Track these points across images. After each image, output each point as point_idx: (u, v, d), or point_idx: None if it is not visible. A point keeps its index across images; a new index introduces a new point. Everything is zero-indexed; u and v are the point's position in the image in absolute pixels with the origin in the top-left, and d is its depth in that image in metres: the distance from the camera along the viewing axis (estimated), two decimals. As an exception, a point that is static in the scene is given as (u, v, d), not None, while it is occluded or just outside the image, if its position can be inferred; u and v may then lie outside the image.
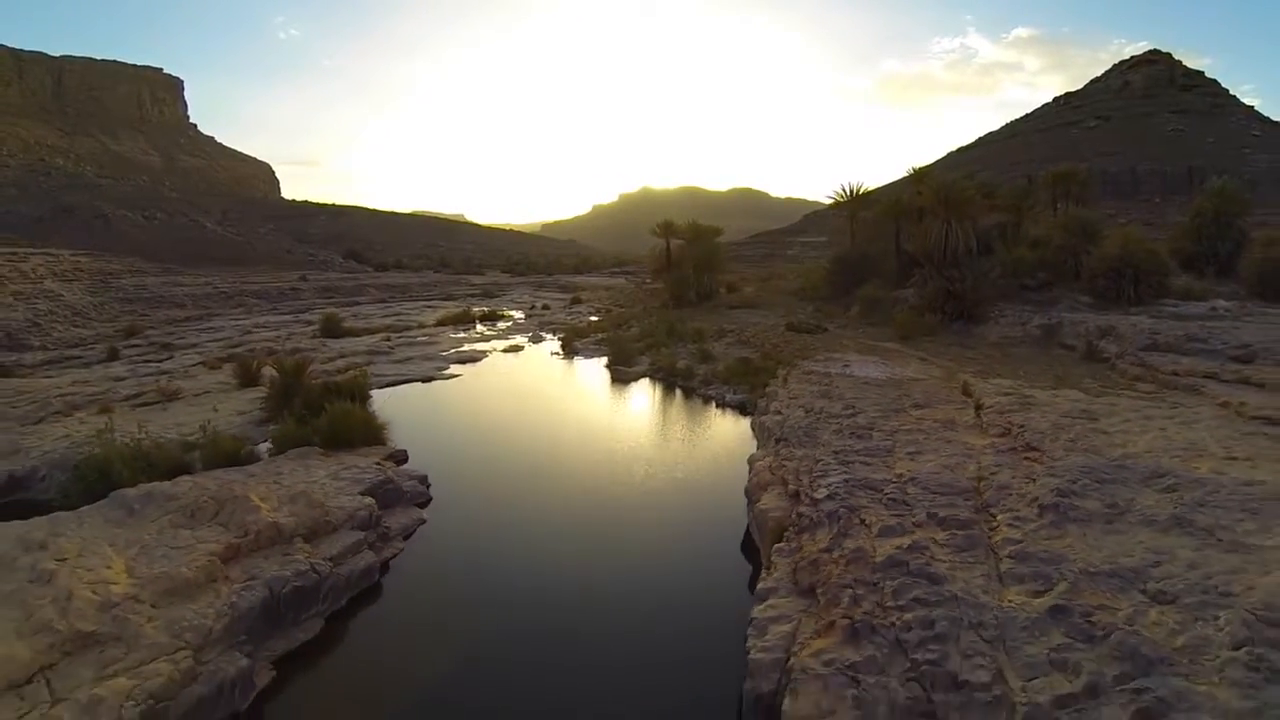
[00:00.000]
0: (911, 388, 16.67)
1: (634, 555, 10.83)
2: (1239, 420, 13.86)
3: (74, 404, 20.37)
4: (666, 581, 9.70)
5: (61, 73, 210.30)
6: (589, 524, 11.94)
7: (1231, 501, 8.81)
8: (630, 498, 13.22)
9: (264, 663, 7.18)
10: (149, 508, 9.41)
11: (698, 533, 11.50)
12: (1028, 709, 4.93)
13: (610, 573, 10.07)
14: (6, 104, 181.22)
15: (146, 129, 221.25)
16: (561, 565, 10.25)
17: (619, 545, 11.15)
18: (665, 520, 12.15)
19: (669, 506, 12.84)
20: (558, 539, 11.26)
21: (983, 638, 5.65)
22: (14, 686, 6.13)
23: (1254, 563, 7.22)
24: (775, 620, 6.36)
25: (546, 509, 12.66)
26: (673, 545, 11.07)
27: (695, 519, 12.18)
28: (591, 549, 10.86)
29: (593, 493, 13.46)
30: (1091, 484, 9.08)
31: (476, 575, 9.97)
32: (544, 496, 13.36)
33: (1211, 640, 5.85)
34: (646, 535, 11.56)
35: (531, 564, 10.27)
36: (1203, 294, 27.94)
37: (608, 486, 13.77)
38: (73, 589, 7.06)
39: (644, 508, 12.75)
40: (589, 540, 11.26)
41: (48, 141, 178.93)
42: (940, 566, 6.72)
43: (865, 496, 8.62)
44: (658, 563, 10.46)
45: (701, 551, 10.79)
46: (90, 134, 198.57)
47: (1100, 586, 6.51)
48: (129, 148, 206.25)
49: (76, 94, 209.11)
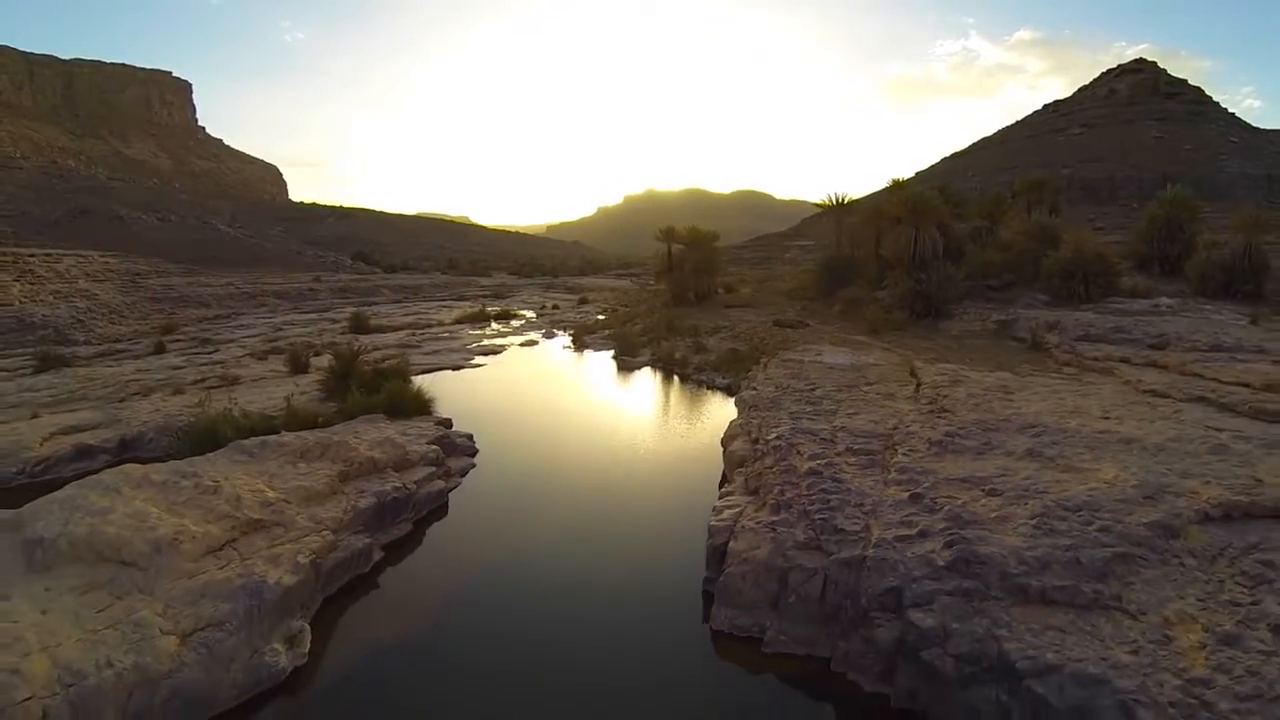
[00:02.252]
0: (869, 371, 19.73)
1: (635, 488, 14.25)
2: (1131, 393, 17.01)
3: (148, 387, 23.50)
4: (658, 501, 13.26)
5: (72, 76, 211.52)
6: (601, 468, 15.49)
7: (1080, 443, 11.91)
8: (633, 451, 16.86)
9: (376, 546, 10.27)
10: (266, 451, 12.48)
11: (684, 470, 15.12)
12: (878, 541, 7.99)
13: (617, 499, 13.48)
14: (18, 107, 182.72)
15: (156, 132, 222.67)
16: (580, 493, 13.79)
17: (624, 482, 14.59)
18: (659, 464, 15.88)
19: (663, 455, 16.57)
20: (578, 476, 14.89)
21: (860, 510, 8.72)
22: (212, 551, 9.19)
23: (1075, 478, 10.31)
24: (729, 506, 9.46)
25: (567, 458, 16.41)
26: (664, 479, 14.68)
27: (682, 461, 15.84)
28: (602, 484, 14.35)
29: (603, 448, 17.16)
30: (977, 431, 12.15)
31: (516, 499, 13.48)
32: (565, 449, 17.12)
33: (1016, 515, 8.92)
34: (645, 476, 15.13)
35: (558, 492, 13.86)
36: (1148, 292, 30.86)
37: (615, 443, 17.48)
38: (239, 494, 10.14)
39: (643, 458, 16.38)
40: (601, 478, 14.81)
41: (59, 144, 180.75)
42: (845, 475, 9.79)
43: (804, 439, 11.69)
44: (652, 491, 14.05)
45: (685, 483, 14.11)
46: (101, 137, 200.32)
47: (952, 487, 9.56)
48: (139, 150, 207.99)
49: (86, 97, 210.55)
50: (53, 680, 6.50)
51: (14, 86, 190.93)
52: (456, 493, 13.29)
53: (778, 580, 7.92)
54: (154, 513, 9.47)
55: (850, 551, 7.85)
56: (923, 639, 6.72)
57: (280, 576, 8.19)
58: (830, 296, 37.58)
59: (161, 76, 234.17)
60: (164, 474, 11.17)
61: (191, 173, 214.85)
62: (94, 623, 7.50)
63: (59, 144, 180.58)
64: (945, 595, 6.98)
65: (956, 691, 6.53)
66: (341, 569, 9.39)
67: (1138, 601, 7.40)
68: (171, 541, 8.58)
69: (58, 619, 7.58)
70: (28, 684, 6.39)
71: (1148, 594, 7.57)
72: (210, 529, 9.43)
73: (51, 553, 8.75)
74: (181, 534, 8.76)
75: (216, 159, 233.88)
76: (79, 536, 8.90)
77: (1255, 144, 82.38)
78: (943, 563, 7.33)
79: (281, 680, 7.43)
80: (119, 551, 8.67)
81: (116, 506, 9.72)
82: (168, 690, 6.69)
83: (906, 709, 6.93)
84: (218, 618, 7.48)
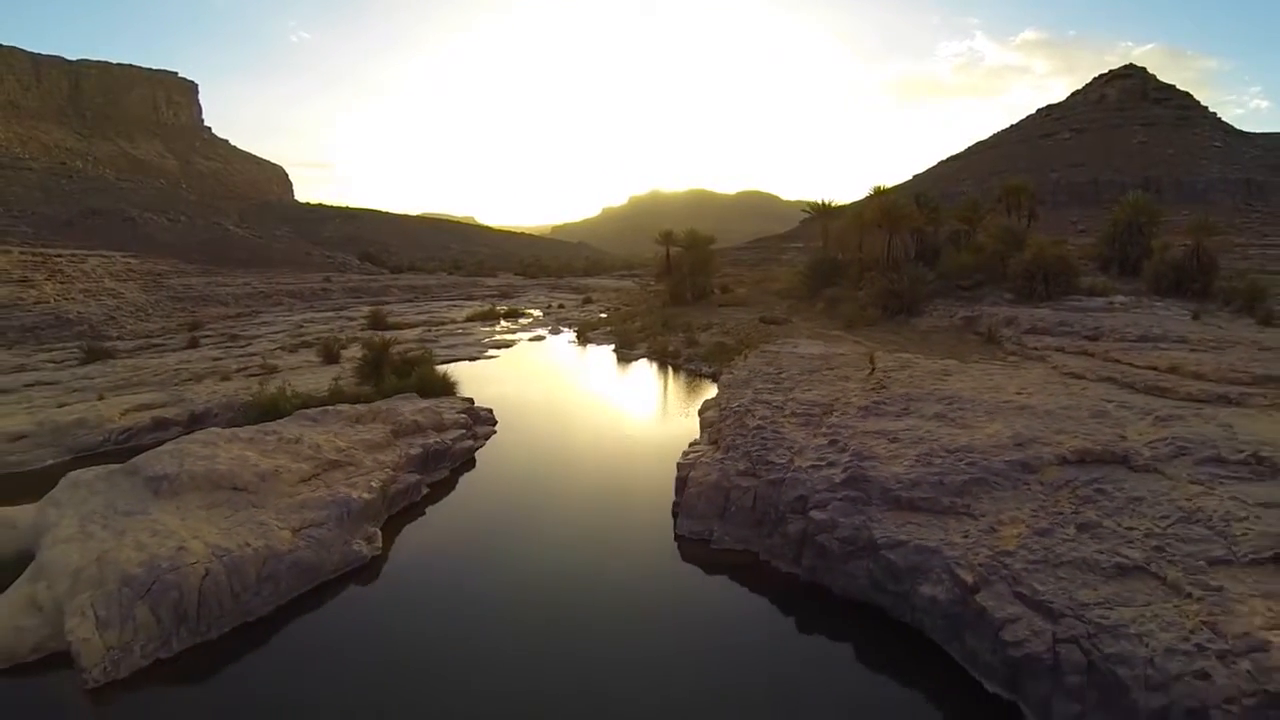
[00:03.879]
0: (834, 360, 22.57)
1: (626, 447, 17.65)
2: (1053, 375, 19.87)
3: (197, 374, 26.45)
4: (644, 454, 16.81)
5: (78, 77, 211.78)
6: (599, 434, 18.94)
7: (983, 409, 14.76)
8: (626, 421, 20.38)
9: (424, 483, 13.22)
10: (327, 418, 15.40)
11: (667, 432, 18.61)
12: (796, 468, 10.88)
13: (611, 455, 16.99)
14: (26, 108, 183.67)
15: (162, 132, 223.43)
16: (582, 451, 17.67)
17: (617, 443, 18.03)
18: (647, 430, 19.36)
19: (650, 424, 20.04)
20: (580, 440, 18.39)
21: (789, 450, 11.61)
22: (304, 481, 12.10)
23: (965, 433, 13.15)
24: (694, 451, 12.42)
25: (572, 427, 19.96)
26: (650, 440, 18.22)
27: (666, 427, 19.23)
28: (600, 445, 17.82)
29: (602, 420, 20.68)
30: (901, 400, 15.01)
31: (529, 455, 17.16)
32: (570, 421, 20.68)
33: (906, 454, 11.79)
34: (635, 438, 18.57)
35: (564, 450, 17.78)
36: (1105, 290, 33.53)
37: (612, 416, 21.06)
38: (318, 443, 13.08)
39: (634, 426, 19.87)
40: (599, 440, 18.37)
41: (66, 145, 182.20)
42: (784, 430, 12.69)
43: (760, 406, 14.60)
44: (639, 448, 17.48)
45: (667, 441, 17.40)
46: (108, 137, 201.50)
47: (864, 437, 12.43)
48: (146, 151, 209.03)
49: (93, 98, 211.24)
50: (208, 554, 9.40)
51: (22, 87, 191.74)
52: (482, 451, 16.43)
53: (723, 497, 10.83)
54: (252, 456, 12.39)
55: (775, 475, 10.76)
56: (818, 529, 9.61)
57: (360, 495, 11.15)
58: (815, 296, 40.40)
59: (167, 77, 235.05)
60: (249, 433, 14.12)
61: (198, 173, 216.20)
62: (226, 524, 10.41)
63: (66, 144, 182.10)
64: (837, 501, 9.87)
65: (840, 564, 9.41)
66: (400, 496, 12.38)
67: (982, 510, 10.27)
68: (274, 473, 11.50)
69: (196, 522, 10.49)
70: (192, 555, 9.29)
71: (992, 505, 10.43)
72: (301, 466, 12.37)
73: (175, 484, 11.65)
74: (280, 468, 11.69)
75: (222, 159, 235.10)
76: (197, 472, 11.81)
77: (1237, 148, 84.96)
78: (839, 481, 10.23)
79: (364, 563, 10.42)
80: (231, 481, 11.59)
81: (219, 453, 12.64)
82: (289, 562, 9.61)
83: (809, 581, 9.82)
84: (318, 520, 10.41)
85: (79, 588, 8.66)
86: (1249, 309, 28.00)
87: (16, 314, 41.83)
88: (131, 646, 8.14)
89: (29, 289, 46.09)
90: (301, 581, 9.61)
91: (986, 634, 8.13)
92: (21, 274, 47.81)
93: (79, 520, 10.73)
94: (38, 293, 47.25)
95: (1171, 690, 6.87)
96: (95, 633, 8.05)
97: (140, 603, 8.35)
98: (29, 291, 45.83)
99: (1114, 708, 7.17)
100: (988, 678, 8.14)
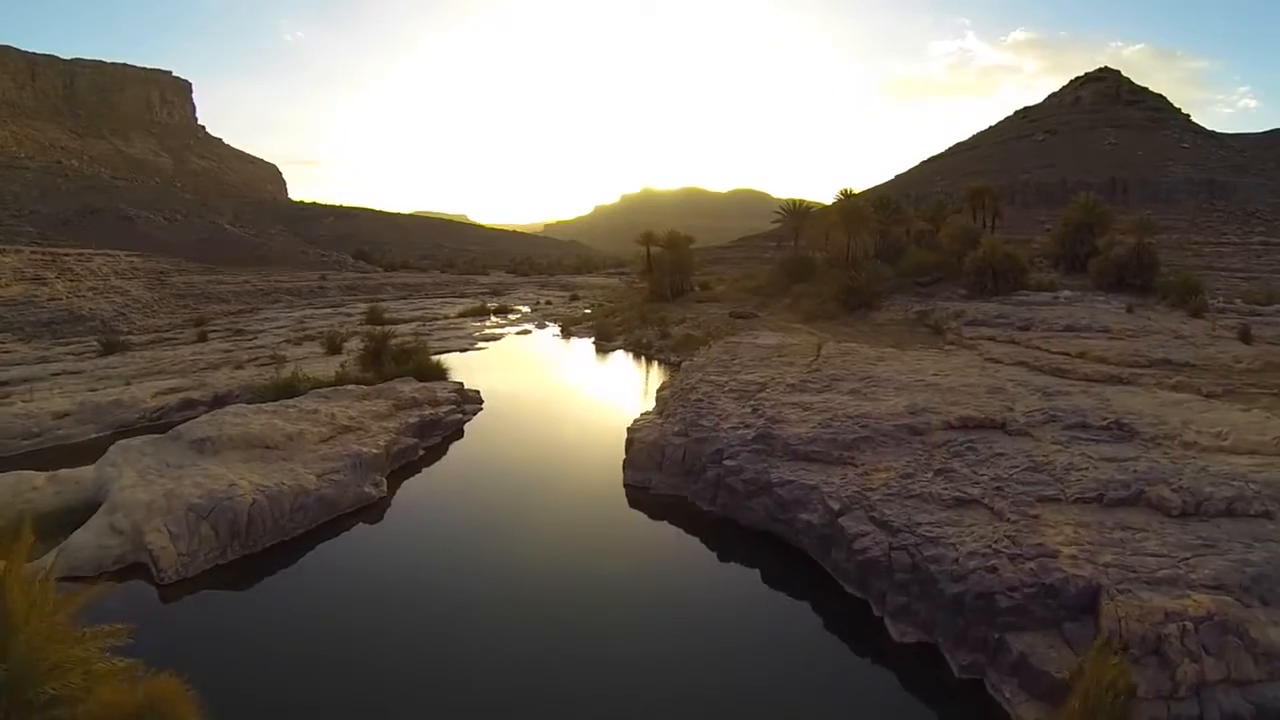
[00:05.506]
0: (787, 349, 25.24)
1: (593, 419, 20.82)
2: (976, 360, 22.64)
3: (213, 364, 28.96)
4: (608, 424, 19.45)
5: (73, 76, 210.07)
6: (572, 409, 22.27)
7: (892, 386, 17.47)
8: (596, 399, 23.47)
9: (420, 446, 15.90)
10: (337, 395, 18.04)
11: (630, 409, 20.80)
12: (718, 429, 13.57)
13: (580, 425, 20.33)
14: (20, 107, 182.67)
15: (157, 131, 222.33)
16: (556, 424, 21.22)
17: (586, 416, 21.30)
18: (614, 406, 22.26)
19: (617, 401, 22.92)
20: (555, 415, 21.90)
21: (718, 417, 14.32)
22: (324, 441, 14.67)
23: (870, 404, 15.85)
24: (642, 418, 15.09)
25: (548, 405, 23.28)
26: (614, 413, 20.84)
27: (629, 403, 21.95)
28: (572, 418, 21.15)
29: (575, 399, 23.96)
30: (826, 380, 17.72)
31: (510, 427, 20.38)
32: (547, 400, 23.89)
33: (812, 419, 14.51)
34: (602, 412, 21.68)
35: (540, 423, 21.43)
36: (1052, 286, 36.20)
37: (585, 396, 24.32)
38: (333, 413, 15.74)
39: (602, 402, 23.08)
40: (571, 415, 21.72)
41: (61, 143, 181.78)
42: (719, 402, 15.40)
43: (705, 385, 17.32)
44: (604, 420, 20.39)
45: (628, 414, 19.68)
46: (102, 136, 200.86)
47: (783, 408, 15.12)
48: (141, 149, 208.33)
49: (88, 96, 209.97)
50: (253, 489, 12.04)
51: (16, 86, 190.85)
52: (469, 424, 19.26)
53: (660, 453, 13.57)
54: (279, 423, 15.03)
55: (701, 435, 13.49)
56: (729, 473, 12.31)
57: (369, 450, 13.89)
58: (785, 292, 43.10)
59: (162, 76, 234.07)
60: (273, 406, 16.78)
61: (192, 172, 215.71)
62: (263, 471, 13.05)
63: (61, 143, 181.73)
64: (745, 453, 12.59)
65: (744, 501, 12.11)
66: (401, 455, 15.12)
67: (863, 461, 12.95)
68: (299, 434, 14.16)
69: (239, 470, 13.11)
70: (241, 490, 11.92)
71: (874, 458, 13.11)
72: (320, 429, 15.02)
73: (217, 444, 14.26)
74: (304, 431, 14.36)
75: (217, 158, 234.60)
76: (234, 434, 14.44)
77: (1205, 150, 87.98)
78: (750, 438, 12.93)
79: (372, 502, 13.19)
80: (264, 441, 14.22)
81: (250, 422, 15.26)
82: (315, 498, 12.28)
83: (722, 516, 12.54)
84: (336, 469, 13.09)
85: (153, 514, 11.27)
86: (1182, 302, 30.52)
87: (33, 310, 44.16)
88: (197, 554, 10.78)
89: (43, 286, 48.36)
90: (325, 513, 12.29)
91: (844, 547, 10.77)
92: (35, 272, 50.07)
93: (137, 473, 13.32)
94: (50, 290, 49.47)
95: (968, 580, 9.40)
96: (170, 544, 10.67)
97: (203, 522, 11.00)
98: (42, 289, 48.10)
99: (928, 596, 9.71)
100: (846, 581, 10.78)
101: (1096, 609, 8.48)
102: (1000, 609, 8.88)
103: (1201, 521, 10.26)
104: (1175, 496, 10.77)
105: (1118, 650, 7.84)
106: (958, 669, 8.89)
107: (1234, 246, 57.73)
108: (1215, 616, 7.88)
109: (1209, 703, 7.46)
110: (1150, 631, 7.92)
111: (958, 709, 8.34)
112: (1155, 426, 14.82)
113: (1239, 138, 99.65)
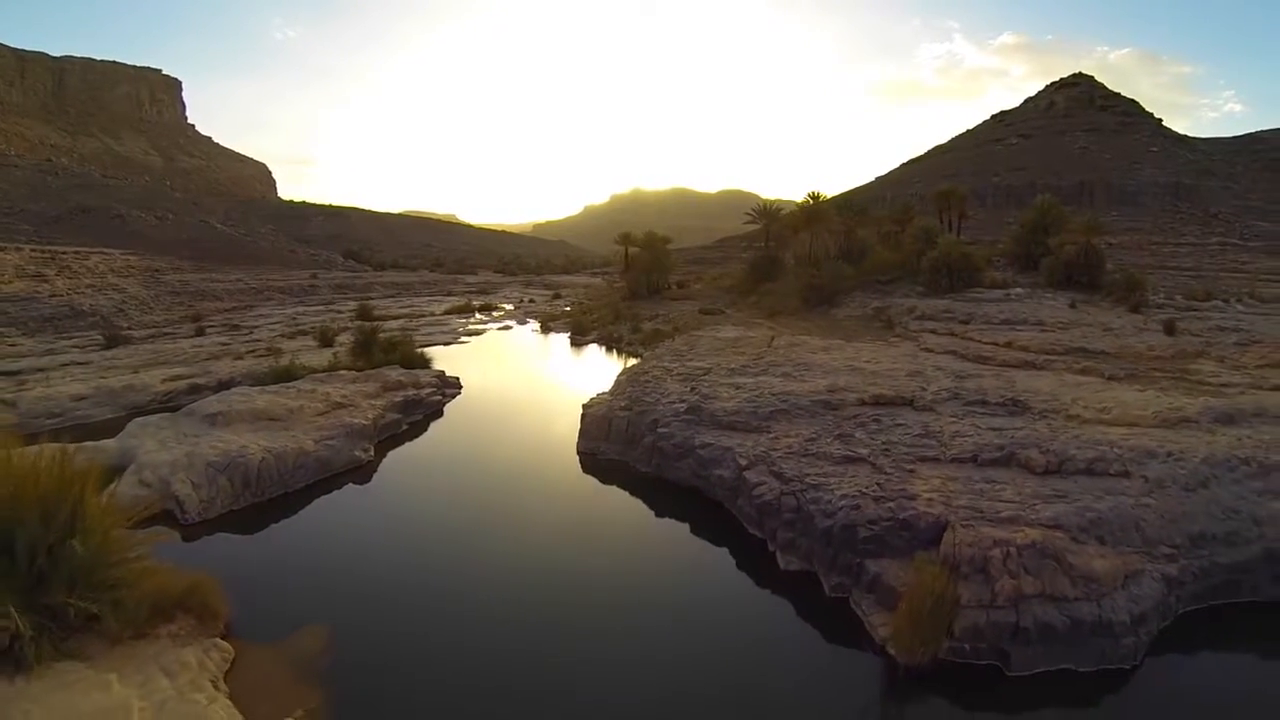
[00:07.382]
0: (743, 341, 27.59)
1: (559, 400, 22.95)
2: (913, 350, 24.99)
3: (214, 355, 31.10)
4: (571, 404, 21.11)
5: (62, 73, 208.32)
6: (541, 394, 24.73)
7: (822, 371, 19.83)
8: (564, 384, 25.65)
9: (404, 422, 18.19)
10: (331, 379, 20.30)
11: (592, 392, 22.80)
12: (657, 404, 15.91)
13: (546, 405, 22.65)
14: (9, 104, 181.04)
15: (146, 129, 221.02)
16: (526, 405, 23.25)
17: (553, 398, 23.72)
18: (579, 389, 23.89)
19: (582, 385, 24.73)
20: (526, 398, 24.35)
21: (661, 395, 16.67)
22: (320, 414, 16.94)
23: (796, 385, 18.20)
24: (598, 398, 17.37)
25: (521, 390, 25.63)
26: (579, 397, 22.38)
27: (592, 389, 23.58)
28: (540, 400, 23.60)
29: (546, 385, 26.42)
30: (765, 365, 20.06)
31: (484, 408, 22.77)
32: (522, 387, 26.32)
33: (740, 396, 16.86)
34: (568, 394, 23.49)
35: (512, 404, 23.93)
36: (1005, 284, 38.46)
37: (554, 382, 26.63)
38: (328, 392, 18.00)
39: (569, 387, 25.07)
40: (540, 397, 24.26)
41: (51, 141, 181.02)
42: (665, 384, 17.74)
43: (658, 369, 19.65)
44: (568, 401, 22.05)
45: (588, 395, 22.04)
46: (92, 134, 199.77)
47: (718, 388, 17.42)
48: (130, 148, 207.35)
49: (77, 94, 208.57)
50: (262, 450, 14.31)
51: (5, 83, 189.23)
52: (449, 405, 21.69)
53: (608, 424, 15.91)
54: (281, 400, 17.27)
55: (642, 409, 15.84)
56: (662, 439, 14.68)
57: (359, 421, 16.23)
58: (754, 290, 45.51)
59: (151, 74, 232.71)
60: (275, 388, 19.02)
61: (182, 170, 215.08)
62: (269, 437, 15.28)
63: (51, 141, 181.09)
64: (677, 422, 14.96)
65: (673, 462, 14.48)
66: (386, 428, 17.48)
67: (777, 429, 15.28)
68: (299, 409, 16.43)
69: (248, 437, 15.34)
70: (252, 450, 14.20)
71: (787, 427, 15.44)
72: (317, 405, 17.30)
73: (227, 417, 16.49)
74: (303, 406, 16.64)
75: (206, 157, 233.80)
76: (242, 409, 16.67)
77: (1173, 154, 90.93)
78: (682, 410, 15.30)
79: (361, 465, 15.58)
80: (268, 414, 16.47)
81: (255, 399, 17.50)
82: (314, 458, 14.59)
83: (656, 476, 14.94)
84: (331, 436, 15.38)
85: (177, 469, 13.51)
86: (1124, 298, 32.80)
87: (35, 305, 46.05)
88: (215, 500, 13.05)
89: (43, 283, 50.22)
90: (322, 471, 14.62)
91: (746, 495, 13.08)
92: (35, 269, 51.91)
93: (158, 442, 15.54)
94: (51, 287, 51.29)
95: (836, 516, 11.66)
96: (193, 492, 12.93)
97: (221, 475, 13.27)
98: (43, 285, 49.96)
99: (807, 530, 11.91)
100: (748, 523, 13.06)
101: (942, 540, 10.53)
102: (861, 538, 11.01)
103: (1061, 478, 11.89)
104: (1041, 458, 12.40)
105: (948, 568, 9.76)
106: (829, 589, 10.92)
107: (1191, 247, 60.21)
108: (1038, 545, 9.57)
109: (1025, 613, 9.01)
110: (979, 554, 9.66)
111: (828, 620, 10.36)
112: (1047, 403, 16.66)
113: (1208, 142, 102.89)
